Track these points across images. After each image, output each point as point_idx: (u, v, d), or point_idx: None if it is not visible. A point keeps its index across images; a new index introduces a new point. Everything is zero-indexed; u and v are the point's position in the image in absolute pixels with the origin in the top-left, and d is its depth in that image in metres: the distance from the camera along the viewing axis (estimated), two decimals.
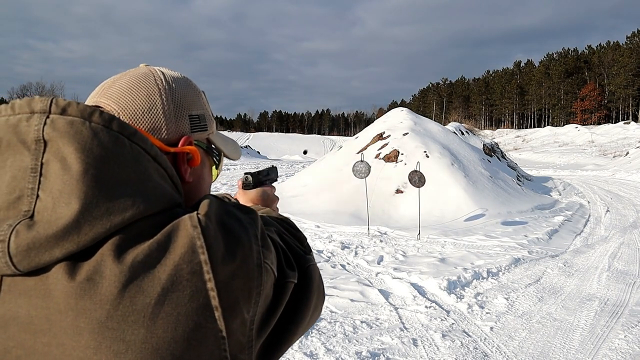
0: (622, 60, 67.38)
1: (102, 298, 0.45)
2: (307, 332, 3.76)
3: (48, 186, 0.47)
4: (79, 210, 0.46)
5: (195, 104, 0.68)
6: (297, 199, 10.87)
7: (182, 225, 0.50)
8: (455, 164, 10.98)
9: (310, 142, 58.57)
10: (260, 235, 0.57)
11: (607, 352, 3.58)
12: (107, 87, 0.64)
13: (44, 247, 0.45)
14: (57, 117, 0.49)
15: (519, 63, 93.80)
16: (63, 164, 0.47)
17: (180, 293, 0.47)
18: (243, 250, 0.53)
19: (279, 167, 26.26)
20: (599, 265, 6.09)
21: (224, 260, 0.50)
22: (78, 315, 0.45)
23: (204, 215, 0.52)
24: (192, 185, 0.66)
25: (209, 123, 0.71)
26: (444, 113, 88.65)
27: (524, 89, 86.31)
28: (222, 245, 0.51)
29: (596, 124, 62.22)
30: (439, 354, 3.49)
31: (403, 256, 6.31)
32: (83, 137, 0.48)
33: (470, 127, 26.42)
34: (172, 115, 0.64)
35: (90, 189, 0.47)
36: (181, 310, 0.47)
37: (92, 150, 0.48)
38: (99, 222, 0.46)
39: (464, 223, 8.67)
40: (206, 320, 0.48)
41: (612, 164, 28.17)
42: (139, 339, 0.45)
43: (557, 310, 4.44)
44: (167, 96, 0.64)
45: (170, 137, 0.63)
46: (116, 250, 0.47)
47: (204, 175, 0.70)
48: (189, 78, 0.71)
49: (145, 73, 0.66)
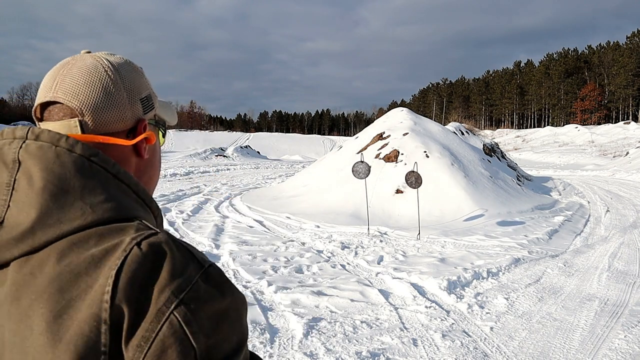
0: (622, 60, 67.31)
1: (34, 289, 0.54)
2: (307, 332, 3.76)
3: (16, 198, 0.57)
4: (35, 218, 0.56)
5: (142, 86, 0.73)
6: (297, 199, 10.87)
7: (119, 246, 0.56)
8: (455, 164, 10.98)
9: (310, 142, 58.57)
10: (190, 295, 0.55)
11: (607, 352, 3.58)
12: (60, 80, 0.67)
13: (5, 247, 0.56)
14: (31, 142, 0.60)
15: (519, 63, 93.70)
16: (29, 180, 0.58)
17: (82, 302, 0.53)
18: (147, 293, 0.53)
19: (279, 167, 26.26)
20: (599, 265, 6.09)
21: (128, 290, 0.53)
22: (13, 300, 0.55)
23: (143, 241, 0.56)
24: (148, 159, 0.75)
25: (154, 100, 0.77)
26: (444, 113, 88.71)
27: (524, 89, 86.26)
28: (139, 278, 0.54)
29: (596, 124, 62.19)
30: (439, 354, 3.49)
31: (403, 256, 6.31)
32: (47, 159, 0.59)
33: (470, 127, 26.42)
34: (127, 103, 0.70)
35: (46, 201, 0.57)
36: (80, 316, 0.53)
37: (53, 169, 0.58)
38: (50, 229, 0.56)
39: (464, 223, 8.67)
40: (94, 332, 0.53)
41: (612, 164, 28.16)
42: (42, 329, 0.53)
43: (557, 310, 4.44)
44: (120, 86, 0.69)
45: (128, 124, 0.70)
46: (60, 252, 0.55)
47: (156, 147, 0.79)
48: (129, 60, 0.75)
49: (93, 64, 0.68)
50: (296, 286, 4.88)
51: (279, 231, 7.98)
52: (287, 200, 10.84)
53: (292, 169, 24.63)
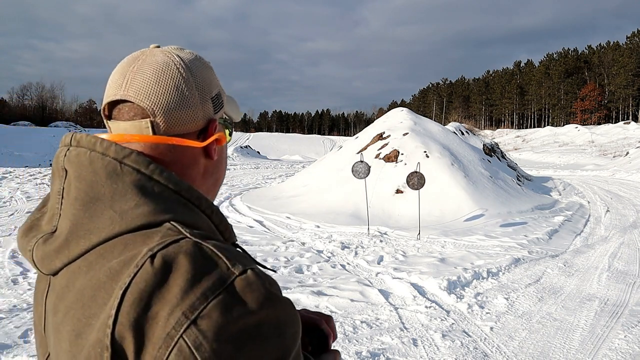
0: (622, 60, 67.28)
1: (66, 304, 0.54)
2: None
3: (64, 207, 0.58)
4: (68, 230, 0.56)
5: (212, 84, 0.70)
6: (297, 199, 10.87)
7: (135, 258, 0.51)
8: (455, 164, 10.98)
9: (310, 142, 58.56)
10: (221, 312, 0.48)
11: (607, 352, 3.58)
12: (131, 77, 0.64)
13: (49, 259, 0.57)
14: (73, 149, 0.60)
15: (519, 63, 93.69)
16: (69, 189, 0.58)
17: (97, 321, 0.50)
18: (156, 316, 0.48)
19: (279, 167, 26.25)
20: (599, 265, 6.09)
21: (132, 313, 0.48)
22: (54, 312, 0.56)
23: (159, 252, 0.51)
24: (217, 161, 0.71)
25: (223, 97, 0.73)
26: (444, 113, 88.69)
27: (524, 89, 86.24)
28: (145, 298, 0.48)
29: (596, 124, 62.15)
30: (439, 354, 3.49)
31: (403, 256, 6.31)
32: (82, 166, 0.58)
33: (470, 127, 26.40)
34: (199, 103, 0.66)
35: (78, 211, 0.56)
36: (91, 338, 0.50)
37: (85, 177, 0.57)
38: (81, 240, 0.55)
39: (464, 223, 8.67)
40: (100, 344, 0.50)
41: (612, 164, 28.16)
42: (66, 348, 0.53)
43: (557, 310, 4.44)
44: (192, 85, 0.65)
45: (199, 125, 0.67)
46: (88, 265, 0.54)
47: (224, 148, 0.74)
48: (199, 55, 0.71)
49: (164, 61, 0.65)
50: (296, 286, 4.88)
51: (279, 231, 7.98)
52: (287, 200, 10.84)
53: (292, 169, 24.62)
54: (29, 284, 4.66)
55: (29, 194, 11.31)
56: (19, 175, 16.11)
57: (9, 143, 26.97)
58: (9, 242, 6.36)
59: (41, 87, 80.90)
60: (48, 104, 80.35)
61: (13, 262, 5.41)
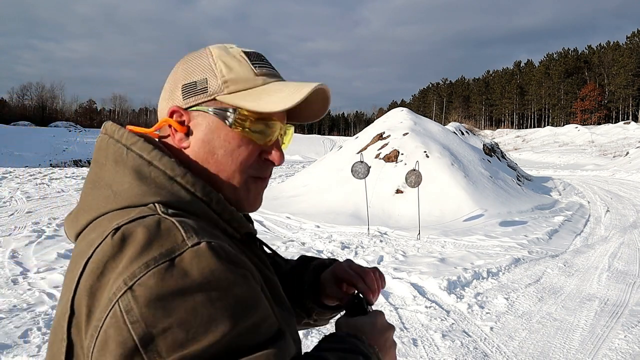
0: (622, 60, 67.28)
1: (70, 264, 0.60)
2: (307, 332, 3.76)
3: (83, 187, 0.66)
4: (79, 206, 0.64)
5: (192, 72, 0.68)
6: (297, 199, 10.87)
7: (104, 233, 0.56)
8: (455, 164, 10.99)
9: (310, 142, 58.54)
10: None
11: (607, 352, 3.58)
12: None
13: (68, 228, 0.65)
14: (101, 135, 0.67)
15: (519, 63, 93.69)
16: (89, 171, 0.67)
17: (72, 284, 0.56)
18: (106, 282, 0.52)
19: (279, 167, 26.17)
20: (599, 265, 6.09)
21: (88, 279, 0.54)
22: (69, 266, 0.61)
23: (124, 225, 0.55)
24: (201, 152, 0.67)
25: (212, 83, 0.67)
26: (444, 113, 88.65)
27: (524, 89, 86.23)
28: (100, 266, 0.53)
29: (596, 124, 62.13)
30: (439, 354, 3.49)
31: (403, 256, 6.31)
32: (100, 150, 0.66)
33: (470, 127, 26.40)
34: (168, 93, 0.71)
35: (86, 189, 0.64)
36: (64, 299, 0.56)
37: (98, 160, 0.65)
38: (85, 214, 0.62)
39: (464, 223, 8.67)
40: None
41: (612, 164, 28.17)
42: (65, 286, 0.59)
43: (557, 310, 4.44)
44: (172, 75, 0.72)
45: (163, 113, 0.70)
46: (83, 236, 0.60)
47: (210, 140, 0.66)
48: (215, 45, 0.71)
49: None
50: None
51: (279, 231, 7.98)
52: (287, 200, 10.83)
53: (292, 169, 24.61)
54: (29, 284, 4.66)
55: (29, 194, 11.31)
56: (19, 175, 16.11)
57: (9, 143, 26.97)
58: (9, 242, 6.35)
59: (41, 87, 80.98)
60: (48, 104, 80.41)
61: (13, 262, 5.40)
